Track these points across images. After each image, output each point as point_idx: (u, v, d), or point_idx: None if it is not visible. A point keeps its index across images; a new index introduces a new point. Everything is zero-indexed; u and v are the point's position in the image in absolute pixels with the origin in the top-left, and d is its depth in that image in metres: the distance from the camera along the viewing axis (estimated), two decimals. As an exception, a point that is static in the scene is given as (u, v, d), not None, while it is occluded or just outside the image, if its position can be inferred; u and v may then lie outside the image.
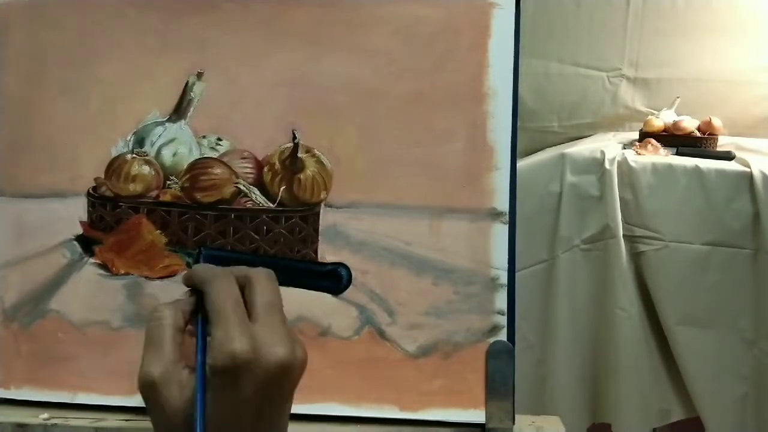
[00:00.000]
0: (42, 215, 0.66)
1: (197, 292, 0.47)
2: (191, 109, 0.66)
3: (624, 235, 1.40)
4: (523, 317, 1.37)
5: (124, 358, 0.64)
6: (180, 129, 0.66)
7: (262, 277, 0.47)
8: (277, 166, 0.66)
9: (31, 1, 0.67)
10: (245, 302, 0.45)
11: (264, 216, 0.66)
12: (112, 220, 0.67)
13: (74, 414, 0.64)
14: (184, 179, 0.66)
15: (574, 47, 1.64)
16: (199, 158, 0.66)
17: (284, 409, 0.45)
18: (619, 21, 1.62)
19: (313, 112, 0.65)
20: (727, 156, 1.43)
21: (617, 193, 1.40)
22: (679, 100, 1.61)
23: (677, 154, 1.47)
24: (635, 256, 1.41)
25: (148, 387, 0.43)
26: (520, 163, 1.22)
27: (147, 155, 0.67)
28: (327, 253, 0.65)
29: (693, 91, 1.62)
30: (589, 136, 1.66)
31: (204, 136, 0.67)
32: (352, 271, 0.65)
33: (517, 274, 0.64)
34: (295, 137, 0.65)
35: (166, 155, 0.67)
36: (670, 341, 1.41)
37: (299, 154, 0.65)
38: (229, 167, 0.66)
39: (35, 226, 0.66)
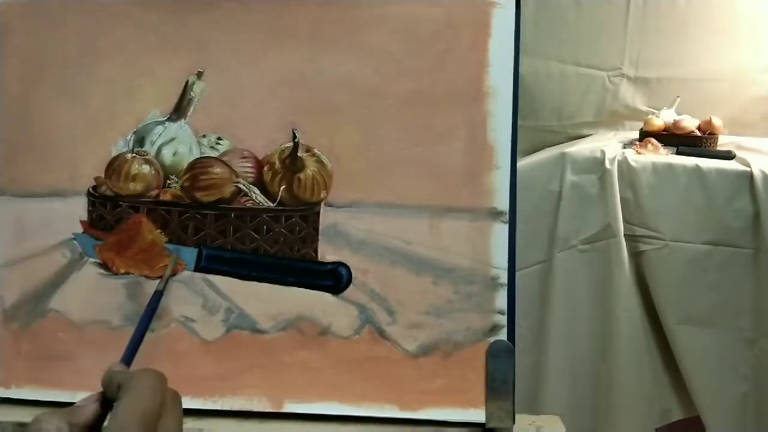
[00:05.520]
0: (42, 214, 0.66)
1: (106, 401, 0.47)
2: (191, 108, 0.66)
3: (624, 235, 1.40)
4: (522, 317, 1.37)
5: (125, 357, 0.64)
6: (180, 128, 0.66)
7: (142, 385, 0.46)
8: (277, 165, 0.66)
9: (31, 1, 0.67)
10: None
11: (264, 215, 0.66)
12: (112, 219, 0.67)
13: (74, 413, 0.64)
14: (184, 178, 0.66)
15: (574, 46, 1.64)
16: (199, 157, 0.66)
17: None
18: (620, 20, 1.62)
19: (313, 112, 0.65)
20: (728, 155, 1.43)
21: (617, 192, 1.39)
22: (679, 99, 1.60)
23: (677, 153, 1.46)
24: (635, 256, 1.41)
25: None
26: (521, 163, 1.22)
27: (147, 154, 0.67)
28: (327, 253, 0.65)
29: (693, 91, 1.62)
30: (590, 135, 1.66)
31: (204, 136, 0.67)
32: (352, 271, 0.65)
33: (517, 274, 0.64)
34: (295, 136, 0.65)
35: (167, 154, 0.67)
36: (670, 341, 1.41)
37: (299, 154, 0.65)
38: (229, 166, 0.66)
39: (35, 225, 0.66)
